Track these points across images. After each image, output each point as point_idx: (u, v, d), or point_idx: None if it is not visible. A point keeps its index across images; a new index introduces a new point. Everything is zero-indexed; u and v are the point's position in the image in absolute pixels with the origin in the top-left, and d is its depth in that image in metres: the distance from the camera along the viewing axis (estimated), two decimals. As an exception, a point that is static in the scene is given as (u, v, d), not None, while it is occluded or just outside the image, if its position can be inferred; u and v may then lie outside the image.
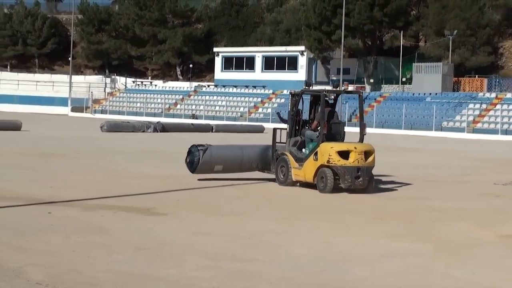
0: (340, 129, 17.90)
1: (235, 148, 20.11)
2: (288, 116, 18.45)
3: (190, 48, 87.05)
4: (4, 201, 13.63)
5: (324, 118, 17.15)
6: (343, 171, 16.55)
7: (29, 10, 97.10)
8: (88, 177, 18.68)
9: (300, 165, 17.34)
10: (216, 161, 18.53)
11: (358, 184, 16.73)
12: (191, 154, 18.50)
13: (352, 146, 17.00)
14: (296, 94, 18.51)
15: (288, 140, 18.09)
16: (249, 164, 19.18)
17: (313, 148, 17.12)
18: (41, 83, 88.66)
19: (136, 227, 11.48)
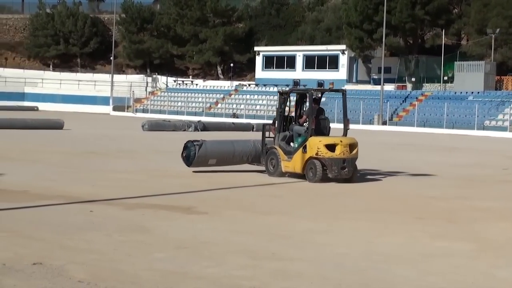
0: (326, 124, 19.48)
1: (227, 143, 21.52)
2: (277, 113, 19.97)
3: (231, 47, 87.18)
4: (48, 199, 13.76)
5: (312, 114, 18.76)
6: (330, 163, 18.20)
7: (71, 10, 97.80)
8: (129, 176, 18.79)
9: (289, 157, 18.83)
10: (210, 155, 20.09)
11: (344, 174, 18.40)
12: (187, 149, 19.97)
13: (338, 140, 18.69)
14: (285, 93, 20.01)
15: (277, 134, 19.50)
16: (240, 157, 20.67)
17: (302, 142, 18.65)
18: (83, 83, 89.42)
19: (176, 226, 11.51)
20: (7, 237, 10.10)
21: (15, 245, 9.59)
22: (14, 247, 9.45)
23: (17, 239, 9.99)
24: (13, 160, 22.07)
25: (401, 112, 64.80)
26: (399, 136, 48.75)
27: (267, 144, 19.93)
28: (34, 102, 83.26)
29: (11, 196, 14.10)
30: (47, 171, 19.23)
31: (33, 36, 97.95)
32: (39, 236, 10.22)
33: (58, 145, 27.14)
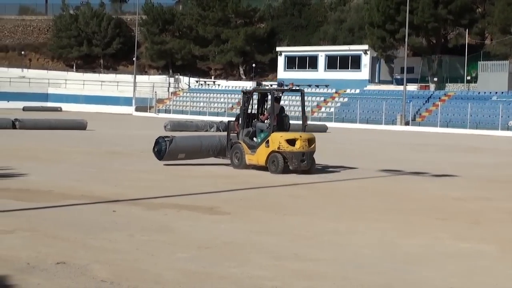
0: (286, 121, 21.13)
1: (195, 139, 23.54)
2: (241, 111, 21.92)
3: (253, 48, 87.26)
4: (71, 199, 13.84)
5: (274, 112, 20.43)
6: (291, 156, 19.89)
7: (94, 11, 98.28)
8: (152, 176, 18.85)
9: (253, 151, 20.59)
10: (179, 150, 21.81)
11: (303, 166, 20.08)
12: (158, 144, 21.65)
13: (298, 135, 20.45)
14: (248, 92, 21.92)
15: (241, 130, 21.21)
16: (206, 151, 22.37)
17: (265, 137, 20.36)
18: (106, 83, 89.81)
19: (199, 226, 11.54)
20: (31, 237, 10.17)
21: (39, 244, 9.65)
22: (38, 246, 9.51)
23: (41, 239, 10.05)
24: (38, 160, 22.20)
25: (424, 112, 64.59)
26: (422, 136, 48.60)
27: (231, 139, 21.58)
28: (58, 103, 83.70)
29: (35, 196, 14.19)
30: (71, 171, 19.33)
31: (57, 37, 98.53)
32: (63, 236, 10.27)
33: (81, 145, 27.28)
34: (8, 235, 10.24)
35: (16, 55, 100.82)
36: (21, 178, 17.20)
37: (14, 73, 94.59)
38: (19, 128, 38.95)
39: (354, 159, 27.23)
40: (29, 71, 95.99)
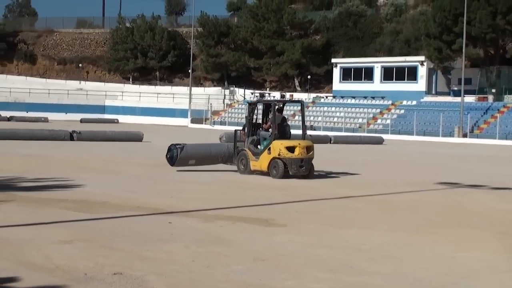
0: (287, 130, 22.85)
1: (204, 146, 25.32)
2: (246, 120, 23.65)
3: (308, 59, 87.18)
4: (128, 210, 13.94)
5: (275, 121, 22.12)
6: (290, 162, 21.48)
7: (150, 24, 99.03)
8: (207, 187, 18.92)
9: (257, 158, 22.21)
10: (190, 156, 23.49)
11: (302, 171, 21.64)
12: (170, 151, 23.37)
13: (297, 143, 22.03)
14: (253, 103, 23.68)
15: (247, 138, 22.84)
16: (215, 158, 24.02)
17: (267, 145, 21.98)
18: (162, 95, 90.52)
19: (255, 238, 11.53)
20: (88, 247, 10.26)
21: (96, 255, 9.74)
22: (95, 257, 9.59)
23: (98, 249, 10.14)
24: (94, 171, 22.42)
25: (482, 124, 63.86)
26: (480, 148, 48.06)
27: (238, 146, 23.17)
28: (115, 115, 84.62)
29: (92, 207, 14.33)
30: (127, 182, 19.49)
31: (113, 50, 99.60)
32: (119, 247, 10.35)
33: (137, 157, 27.51)
34: (66, 245, 10.35)
35: (73, 68, 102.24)
36: (78, 189, 17.40)
37: (72, 86, 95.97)
38: (76, 140, 39.43)
39: (410, 171, 27.03)
40: (86, 84, 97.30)
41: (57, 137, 39.56)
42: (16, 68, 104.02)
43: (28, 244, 10.34)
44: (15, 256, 9.54)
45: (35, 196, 15.82)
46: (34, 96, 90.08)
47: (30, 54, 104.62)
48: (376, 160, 33.63)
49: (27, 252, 9.84)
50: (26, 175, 20.15)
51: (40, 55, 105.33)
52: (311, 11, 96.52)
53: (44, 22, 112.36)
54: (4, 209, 13.77)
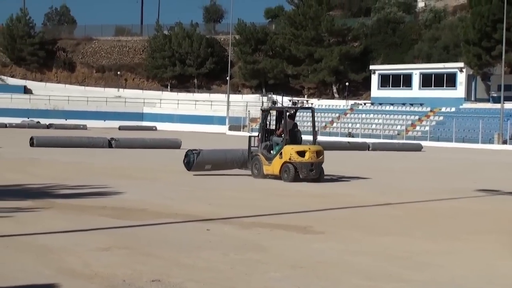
0: (298, 135, 23.81)
1: (220, 152, 26.23)
2: (260, 127, 24.76)
3: (346, 66, 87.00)
4: (166, 217, 13.99)
5: (286, 127, 23.08)
6: (300, 166, 22.42)
7: (187, 31, 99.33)
8: (245, 194, 18.93)
9: (269, 162, 23.12)
10: (206, 162, 24.55)
11: (312, 175, 22.52)
12: (187, 156, 24.46)
13: (307, 147, 23.00)
14: (266, 110, 24.59)
15: (260, 144, 23.90)
16: (231, 163, 25.06)
17: (279, 150, 22.95)
18: (200, 103, 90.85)
19: (293, 245, 11.51)
20: (126, 254, 10.31)
21: (135, 262, 9.78)
22: (134, 264, 9.64)
23: (136, 256, 10.19)
24: (133, 178, 22.55)
25: (522, 131, 63.26)
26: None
27: (252, 152, 24.09)
28: (153, 122, 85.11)
29: (130, 214, 14.40)
30: (165, 189, 19.57)
31: (152, 57, 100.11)
32: (157, 254, 10.39)
33: (175, 164, 27.56)
34: (104, 252, 10.41)
35: (112, 75, 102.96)
36: (117, 196, 17.50)
37: (110, 93, 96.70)
38: (115, 147, 39.71)
39: (449, 178, 26.85)
40: (124, 91, 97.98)
41: (95, 145, 39.88)
42: (55, 76, 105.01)
43: (67, 251, 10.42)
44: (54, 263, 9.62)
45: (74, 203, 15.95)
46: (73, 104, 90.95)
47: (69, 62, 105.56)
48: (415, 167, 33.44)
49: (66, 259, 9.92)
50: (65, 182, 20.32)
51: (79, 62, 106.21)
52: (349, 18, 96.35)
53: (83, 30, 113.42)
54: (44, 216, 13.89)
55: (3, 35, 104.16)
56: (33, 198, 16.48)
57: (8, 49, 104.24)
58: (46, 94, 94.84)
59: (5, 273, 9.02)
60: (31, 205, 15.34)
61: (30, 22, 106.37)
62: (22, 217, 13.69)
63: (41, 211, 14.53)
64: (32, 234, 11.80)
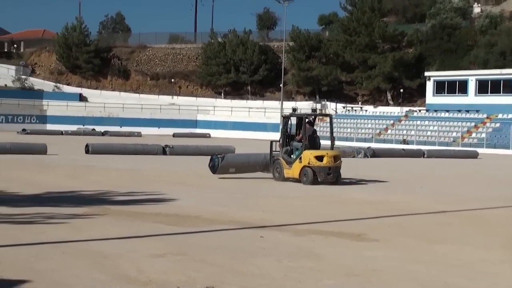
0: (317, 141, 24.99)
1: (243, 156, 27.62)
2: (281, 132, 25.91)
3: (401, 73, 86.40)
4: (220, 224, 14.05)
5: (305, 133, 24.28)
6: (319, 170, 23.78)
7: (241, 38, 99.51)
8: (299, 202, 18.93)
9: (290, 166, 24.55)
10: (230, 165, 25.71)
11: (330, 179, 23.89)
12: (212, 160, 25.77)
13: (325, 152, 24.21)
14: (286, 117, 25.61)
15: (281, 149, 25.25)
16: (253, 167, 26.27)
17: (298, 154, 24.27)
18: (253, 110, 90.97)
19: (347, 253, 11.49)
20: (181, 261, 10.38)
21: (189, 268, 9.84)
22: (188, 270, 9.70)
23: (191, 263, 10.25)
24: (187, 185, 22.68)
25: None
26: None
27: (274, 156, 25.54)
28: (206, 129, 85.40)
29: (184, 221, 14.49)
30: (219, 196, 19.65)
31: (206, 65, 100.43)
32: (211, 260, 10.44)
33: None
34: (159, 258, 10.50)
35: (166, 83, 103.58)
36: (171, 203, 17.62)
37: (164, 100, 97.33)
38: (169, 154, 39.96)
39: (506, 186, 26.53)
40: (178, 98, 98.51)
41: (150, 152, 40.17)
42: (110, 84, 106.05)
43: (122, 257, 10.53)
44: (109, 269, 9.72)
45: (129, 210, 16.10)
46: (128, 111, 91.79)
47: (124, 69, 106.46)
48: (471, 175, 33.12)
49: (121, 265, 10.02)
50: (119, 189, 20.52)
51: (133, 70, 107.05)
52: (404, 24, 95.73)
53: (137, 38, 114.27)
54: (99, 222, 14.05)
55: (58, 44, 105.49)
56: (88, 205, 16.69)
57: (63, 57, 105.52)
58: (101, 101, 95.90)
59: (61, 279, 9.15)
60: (86, 211, 15.53)
61: (86, 31, 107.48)
62: (77, 223, 13.86)
63: (96, 217, 14.70)
64: (88, 241, 11.94)
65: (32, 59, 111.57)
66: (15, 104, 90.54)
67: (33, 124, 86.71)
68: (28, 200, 17.53)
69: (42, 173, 25.97)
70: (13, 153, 35.76)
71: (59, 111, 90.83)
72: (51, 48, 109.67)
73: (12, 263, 9.95)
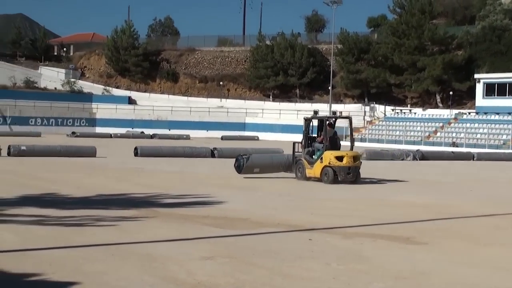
0: (338, 142, 26.09)
1: (267, 157, 28.76)
2: (303, 134, 26.77)
3: (450, 75, 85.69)
4: (268, 227, 14.07)
5: (326, 135, 25.48)
6: (339, 169, 24.95)
7: (289, 41, 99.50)
8: (348, 204, 18.87)
9: (311, 166, 25.65)
10: (255, 165, 26.83)
11: (349, 178, 25.08)
12: (238, 161, 26.79)
13: (345, 153, 25.36)
14: (308, 119, 26.79)
15: (303, 149, 26.36)
16: (277, 167, 27.35)
17: (320, 155, 25.44)
18: (302, 112, 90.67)
19: (396, 256, 11.43)
20: (229, 264, 10.41)
21: (237, 271, 9.86)
22: (236, 273, 9.72)
23: (239, 266, 10.27)
24: (235, 188, 22.73)
25: None
26: None
27: (296, 156, 26.67)
28: (255, 132, 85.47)
29: (233, 223, 14.53)
30: (267, 199, 19.67)
31: (254, 67, 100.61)
32: (259, 263, 10.45)
33: (278, 174, 27.73)
34: (208, 261, 10.54)
35: (214, 86, 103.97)
36: (219, 206, 17.68)
37: (213, 103, 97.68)
38: (217, 157, 40.10)
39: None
40: (227, 101, 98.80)
41: (198, 154, 40.36)
42: (159, 87, 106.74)
43: (171, 260, 10.59)
44: (158, 272, 9.78)
45: (177, 212, 16.18)
46: (176, 114, 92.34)
47: (172, 72, 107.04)
48: (522, 178, 32.72)
49: (170, 267, 10.08)
50: (169, 192, 20.64)
51: (182, 73, 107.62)
52: (453, 26, 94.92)
53: (186, 41, 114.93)
54: (148, 225, 14.14)
55: (108, 47, 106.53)
56: (137, 207, 16.81)
57: (113, 60, 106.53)
58: (150, 104, 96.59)
59: (110, 281, 9.23)
60: (135, 214, 15.64)
61: (135, 34, 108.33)
62: (126, 226, 13.96)
63: (145, 220, 14.80)
64: (137, 243, 12.03)
65: (81, 63, 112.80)
66: (65, 107, 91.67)
67: (82, 127, 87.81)
68: (78, 203, 17.72)
69: (92, 176, 26.23)
70: (63, 156, 36.21)
71: (108, 114, 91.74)
72: (100, 52, 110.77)
73: (62, 265, 10.06)
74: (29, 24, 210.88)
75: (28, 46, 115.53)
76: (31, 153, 36.37)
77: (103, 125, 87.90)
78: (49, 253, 10.97)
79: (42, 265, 9.99)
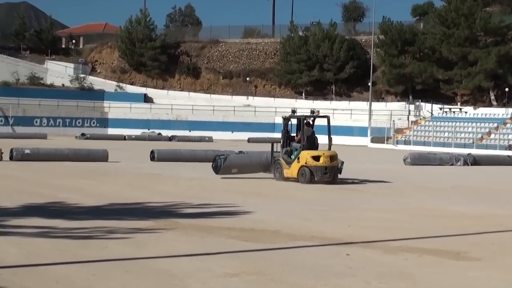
0: (315, 142, 28.06)
1: (245, 157, 30.46)
2: (282, 133, 28.99)
3: (506, 70, 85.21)
4: (301, 240, 14.05)
5: (303, 134, 27.56)
6: (315, 169, 26.98)
7: (325, 32, 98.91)
8: (390, 215, 18.81)
9: (289, 166, 27.67)
10: (232, 165, 29.02)
11: (326, 178, 27.04)
12: (215, 161, 29.06)
13: (322, 152, 27.44)
14: (286, 118, 29.11)
15: (281, 149, 28.48)
16: (255, 167, 29.56)
17: (297, 154, 27.48)
18: (338, 111, 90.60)
19: (444, 273, 11.37)
20: (257, 281, 10.40)
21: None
22: (265, 292, 9.71)
23: (268, 283, 10.26)
24: (264, 196, 22.74)
25: None
26: None
27: (275, 156, 28.80)
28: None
29: (261, 236, 14.52)
30: (299, 209, 19.64)
31: (285, 61, 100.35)
32: (291, 281, 10.43)
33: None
34: (233, 278, 10.53)
35: (240, 82, 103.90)
36: (246, 216, 17.67)
37: (238, 101, 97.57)
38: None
39: None
40: (254, 99, 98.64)
41: (222, 159, 40.34)
42: (178, 83, 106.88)
43: (192, 277, 10.59)
44: (178, 289, 9.79)
45: (199, 224, 16.19)
46: (198, 114, 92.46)
47: (193, 67, 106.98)
48: None
49: (191, 285, 10.09)
50: (189, 200, 20.66)
51: (204, 68, 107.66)
52: (509, 14, 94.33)
53: (209, 32, 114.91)
54: (166, 237, 14.16)
55: (121, 39, 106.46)
56: (154, 218, 16.85)
57: (127, 54, 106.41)
58: (168, 103, 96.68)
59: (124, 299, 9.24)
60: (152, 225, 15.67)
61: (151, 24, 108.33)
62: (142, 238, 13.99)
63: (163, 232, 14.82)
64: (153, 258, 12.05)
65: (92, 56, 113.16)
66: (74, 106, 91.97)
67: (93, 128, 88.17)
68: (88, 213, 17.79)
69: (103, 183, 26.33)
70: (71, 160, 36.37)
71: (122, 114, 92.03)
72: (113, 44, 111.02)
73: (71, 283, 10.10)
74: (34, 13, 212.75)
75: (33, 38, 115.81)
76: (36, 157, 36.51)
77: (116, 126, 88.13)
78: (55, 269, 11.02)
79: (48, 283, 10.04)
